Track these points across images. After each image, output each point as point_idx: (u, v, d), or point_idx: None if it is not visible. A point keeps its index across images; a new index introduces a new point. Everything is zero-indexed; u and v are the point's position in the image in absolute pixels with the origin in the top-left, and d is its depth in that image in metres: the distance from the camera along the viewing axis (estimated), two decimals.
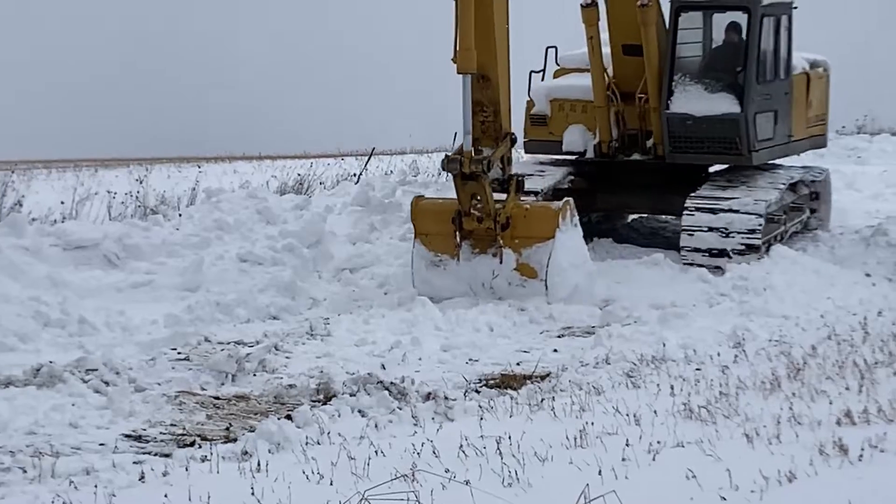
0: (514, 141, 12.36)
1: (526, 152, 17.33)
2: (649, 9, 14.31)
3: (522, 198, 12.53)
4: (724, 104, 14.33)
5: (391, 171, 25.15)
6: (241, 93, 61.15)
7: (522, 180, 12.40)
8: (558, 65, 16.12)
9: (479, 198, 11.72)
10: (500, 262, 11.84)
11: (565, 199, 12.49)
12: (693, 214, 13.78)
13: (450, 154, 11.80)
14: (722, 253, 13.44)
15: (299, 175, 23.97)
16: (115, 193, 19.28)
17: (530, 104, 16.08)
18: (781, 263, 13.62)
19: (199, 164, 30.69)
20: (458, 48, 11.43)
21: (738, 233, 13.41)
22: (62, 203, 18.64)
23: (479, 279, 11.91)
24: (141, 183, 20.23)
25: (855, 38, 54.36)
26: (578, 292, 11.73)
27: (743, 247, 13.34)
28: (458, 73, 11.49)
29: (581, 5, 14.83)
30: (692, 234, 13.71)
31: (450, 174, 11.98)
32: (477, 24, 11.45)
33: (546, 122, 15.87)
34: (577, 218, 12.37)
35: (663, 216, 16.58)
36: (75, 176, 26.50)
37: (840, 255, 14.73)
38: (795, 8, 15.24)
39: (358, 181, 22.37)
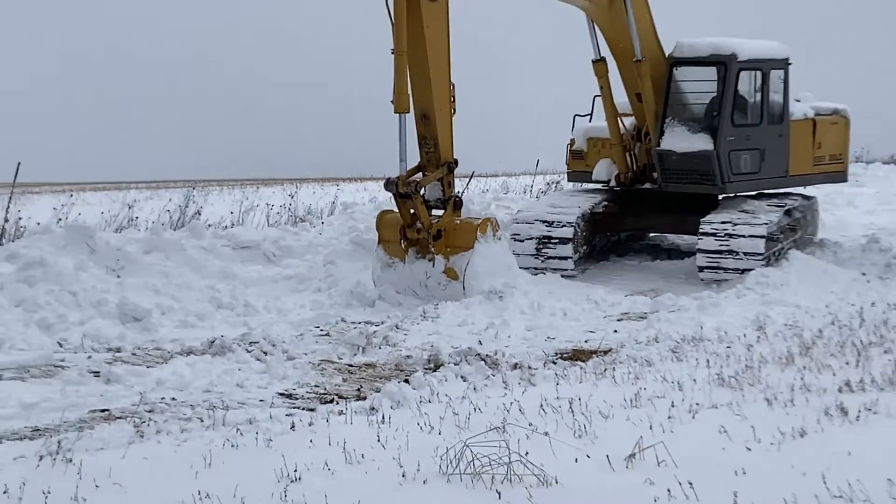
0: (451, 168, 12.12)
1: (568, 181, 17.29)
2: (643, 64, 14.14)
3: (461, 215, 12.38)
4: (700, 142, 14.05)
5: (487, 190, 25.22)
6: (371, 124, 61.53)
7: (460, 200, 12.25)
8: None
9: (414, 213, 11.71)
10: (433, 266, 11.80)
11: (486, 216, 12.43)
12: (706, 238, 13.40)
13: (390, 178, 11.68)
14: (733, 271, 13.10)
15: None
16: (273, 205, 19.50)
17: (572, 142, 15.98)
18: (795, 264, 13.47)
19: (337, 184, 30.95)
20: (394, 92, 11.33)
21: (746, 254, 13.11)
22: (231, 213, 18.90)
23: (417, 279, 11.85)
24: (292, 197, 20.44)
25: (853, 84, 53.35)
26: (494, 294, 11.40)
27: (751, 265, 12.97)
28: (395, 112, 11.44)
29: (592, 60, 14.71)
30: (707, 256, 13.35)
31: (387, 191, 11.85)
32: (417, 73, 11.46)
33: (583, 157, 15.72)
34: (500, 232, 12.23)
35: (681, 236, 16.22)
36: (241, 192, 26.85)
37: (841, 258, 14.59)
38: (790, 64, 14.83)
39: (462, 196, 22.42)
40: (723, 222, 13.49)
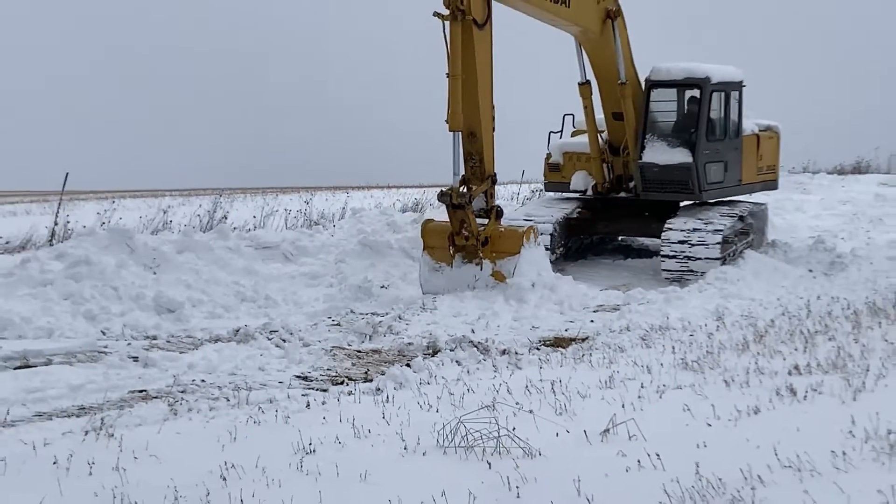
0: (494, 181, 11.91)
1: (546, 191, 17.10)
2: (626, 86, 14.13)
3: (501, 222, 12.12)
4: (680, 156, 14.01)
5: (479, 196, 25.15)
6: (376, 140, 61.58)
7: (501, 210, 12.04)
8: (574, 127, 15.91)
9: (465, 222, 11.46)
10: (481, 270, 11.57)
11: (529, 225, 12.17)
12: (669, 241, 13.37)
13: (443, 189, 11.52)
14: (692, 271, 13.09)
15: (416, 199, 24.06)
16: (290, 211, 19.50)
17: (548, 156, 15.86)
18: (750, 262, 13.48)
19: (347, 191, 30.93)
20: (449, 112, 11.15)
21: (704, 257, 13.10)
22: (254, 217, 18.88)
23: (465, 282, 11.60)
24: (307, 204, 20.41)
25: (802, 104, 53.51)
26: (535, 292, 11.24)
27: (708, 267, 12.93)
28: (449, 131, 11.25)
29: (578, 83, 14.59)
30: (667, 258, 13.32)
31: (443, 204, 11.63)
32: (466, 95, 11.22)
33: (560, 169, 15.61)
34: (539, 239, 12.07)
35: (647, 238, 16.09)
36: (263, 198, 26.83)
37: (791, 257, 14.60)
38: (744, 86, 14.89)
39: None
40: (682, 229, 13.47)
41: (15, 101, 62.86)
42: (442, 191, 11.51)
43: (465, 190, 11.56)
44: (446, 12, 11.00)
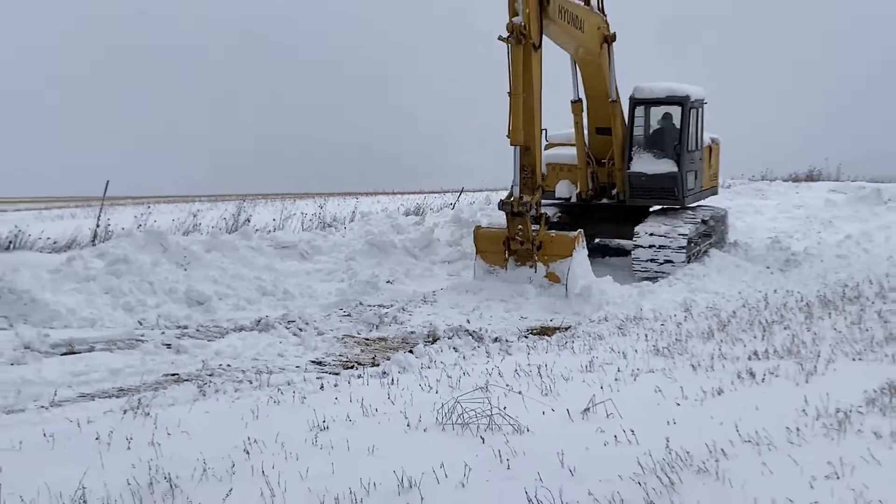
0: (543, 191, 11.75)
1: None
2: (616, 104, 14.08)
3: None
4: (666, 166, 13.97)
5: (474, 202, 25.13)
6: (382, 151, 61.61)
7: (548, 217, 11.93)
8: (547, 140, 15.82)
9: (521, 228, 11.33)
10: (535, 272, 11.43)
11: (579, 230, 11.97)
12: (640, 244, 13.32)
13: (504, 199, 11.44)
14: (661, 268, 13.05)
15: (418, 204, 24.05)
16: (306, 214, 19.48)
17: None
18: (714, 260, 13.50)
19: (356, 197, 30.98)
20: (511, 128, 11.08)
21: (671, 258, 13.06)
22: (274, 220, 18.83)
23: (520, 282, 11.43)
24: (321, 208, 20.41)
25: (756, 118, 53.63)
26: (586, 291, 11.10)
27: (673, 265, 12.96)
28: (511, 145, 11.17)
29: (571, 101, 14.48)
30: (639, 257, 13.26)
31: (503, 212, 11.50)
32: (524, 112, 11.14)
33: (544, 179, 15.57)
34: (584, 243, 11.92)
35: (621, 240, 16.09)
36: (282, 203, 26.80)
37: (751, 255, 14.61)
38: (706, 103, 14.86)
39: (453, 207, 22.41)
40: (651, 233, 13.42)
41: (61, 116, 62.93)
42: (502, 200, 11.36)
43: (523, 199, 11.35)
44: (506, 34, 10.89)
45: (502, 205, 11.31)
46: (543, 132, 15.34)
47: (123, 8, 74.52)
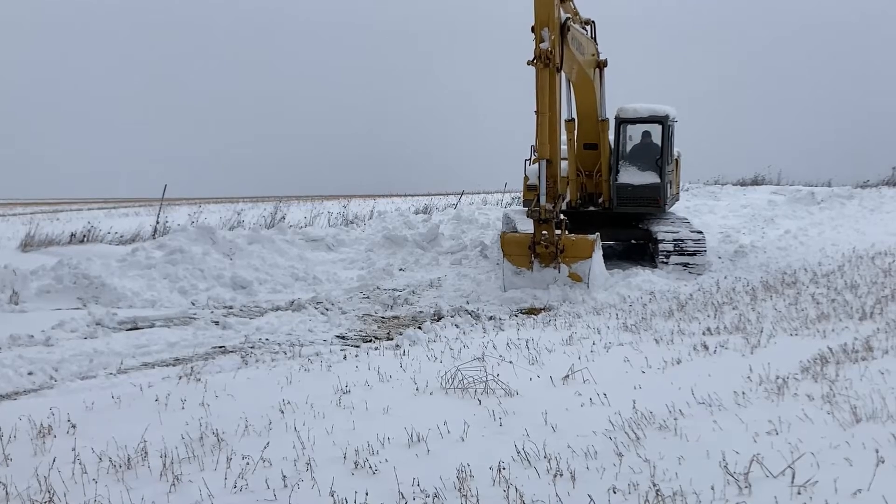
0: (564, 199, 11.16)
1: (523, 206, 16.44)
2: (605, 122, 13.71)
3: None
4: (650, 177, 13.69)
5: (472, 203, 25.18)
6: (396, 158, 61.55)
7: (568, 222, 11.24)
8: (536, 154, 15.52)
9: (545, 233, 10.74)
10: (559, 272, 10.82)
11: (596, 233, 11.29)
12: (664, 239, 12.59)
13: (531, 207, 10.87)
14: (689, 260, 12.34)
15: (426, 204, 24.07)
16: (332, 213, 19.55)
17: (526, 178, 15.29)
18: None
19: (374, 198, 30.97)
20: (538, 142, 10.60)
21: (694, 250, 12.39)
22: (305, 217, 18.92)
23: (546, 282, 10.80)
24: (345, 207, 20.51)
25: (711, 131, 53.51)
26: (606, 288, 10.71)
27: (697, 254, 12.29)
28: (539, 158, 10.65)
29: (565, 120, 13.74)
30: (666, 250, 12.44)
31: (531, 218, 10.85)
32: (549, 128, 10.62)
33: (535, 189, 15.20)
34: (600, 244, 11.30)
35: (610, 242, 15.83)
36: (311, 203, 26.84)
37: None
38: (676, 121, 14.49)
39: (456, 207, 22.41)
40: (669, 230, 12.89)
41: (127, 130, 62.97)
42: (530, 209, 10.85)
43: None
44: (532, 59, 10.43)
45: (531, 212, 10.78)
46: (532, 147, 15.16)
47: (181, 28, 74.24)
